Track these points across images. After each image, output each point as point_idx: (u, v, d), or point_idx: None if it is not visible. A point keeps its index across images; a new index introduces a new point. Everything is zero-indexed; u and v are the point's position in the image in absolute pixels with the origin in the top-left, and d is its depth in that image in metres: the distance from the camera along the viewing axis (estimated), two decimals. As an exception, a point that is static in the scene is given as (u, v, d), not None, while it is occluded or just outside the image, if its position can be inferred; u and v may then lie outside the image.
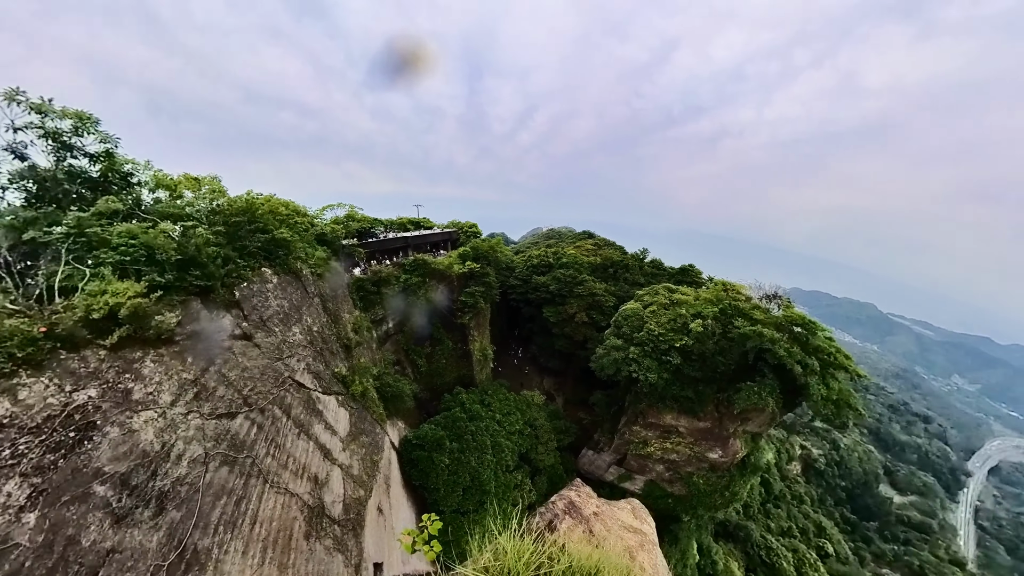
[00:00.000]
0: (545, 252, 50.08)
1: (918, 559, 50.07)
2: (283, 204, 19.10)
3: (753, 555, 38.15)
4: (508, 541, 3.18)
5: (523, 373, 48.67)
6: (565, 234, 66.82)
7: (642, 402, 34.37)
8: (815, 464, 61.67)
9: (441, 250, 41.74)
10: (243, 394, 13.91)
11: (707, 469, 33.66)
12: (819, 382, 25.30)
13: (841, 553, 42.74)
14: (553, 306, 45.30)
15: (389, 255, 33.99)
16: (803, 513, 45.85)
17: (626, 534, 6.15)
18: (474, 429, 31.72)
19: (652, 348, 31.94)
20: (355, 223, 28.42)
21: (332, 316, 23.18)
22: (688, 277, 44.04)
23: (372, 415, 23.95)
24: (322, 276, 22.54)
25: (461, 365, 38.33)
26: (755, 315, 28.82)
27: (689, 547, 34.29)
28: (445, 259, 35.28)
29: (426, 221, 43.44)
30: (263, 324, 16.59)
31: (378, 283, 29.00)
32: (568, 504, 6.54)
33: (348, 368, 23.14)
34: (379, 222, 33.65)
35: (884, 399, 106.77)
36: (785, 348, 26.08)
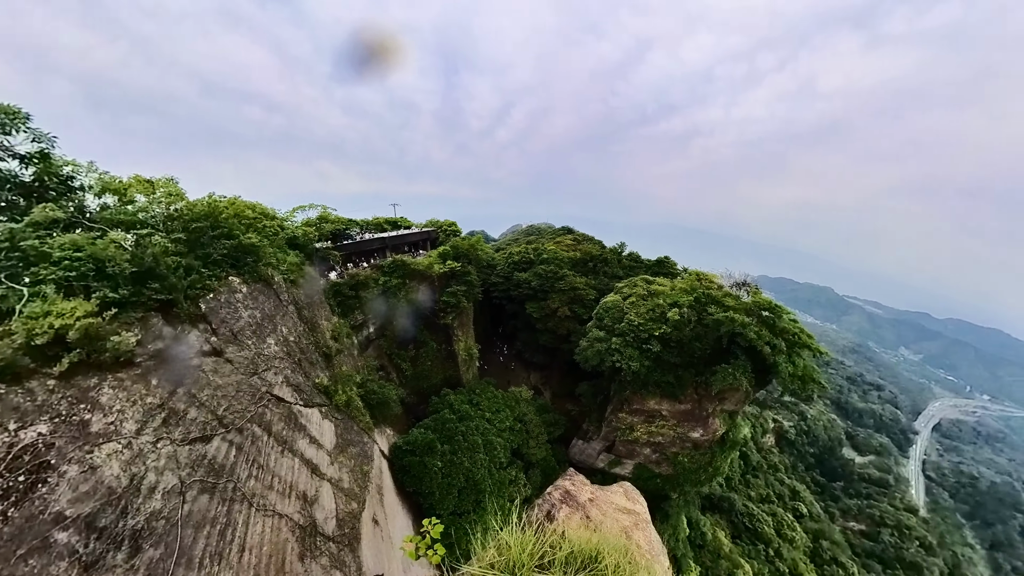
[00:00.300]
0: (526, 248, 50.09)
1: (878, 510, 55.99)
2: (249, 207, 17.76)
3: (737, 523, 41.05)
4: (510, 535, 3.22)
5: (509, 370, 48.59)
6: (545, 230, 67.17)
7: (626, 390, 35.35)
8: (786, 435, 67.26)
9: (420, 250, 40.61)
10: (218, 415, 12.87)
11: (690, 448, 35.16)
12: (786, 360, 27.31)
13: (813, 512, 47.41)
14: (536, 302, 45.44)
15: (366, 257, 32.65)
16: (778, 480, 50.26)
17: (621, 516, 6.35)
18: (464, 429, 31.34)
19: (633, 338, 32.94)
20: (328, 225, 27.00)
21: (309, 324, 21.98)
22: (664, 269, 45.63)
23: (358, 424, 23.03)
24: (296, 282, 21.27)
25: (447, 366, 37.67)
26: (727, 302, 30.50)
27: (679, 522, 35.85)
28: (425, 259, 34.37)
29: (404, 220, 42.04)
30: (234, 338, 15.41)
31: (356, 287, 27.81)
32: (564, 493, 6.71)
33: (330, 378, 22.08)
34: (354, 223, 32.20)
35: (842, 372, 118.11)
36: (755, 331, 27.98)
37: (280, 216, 22.33)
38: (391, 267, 31.01)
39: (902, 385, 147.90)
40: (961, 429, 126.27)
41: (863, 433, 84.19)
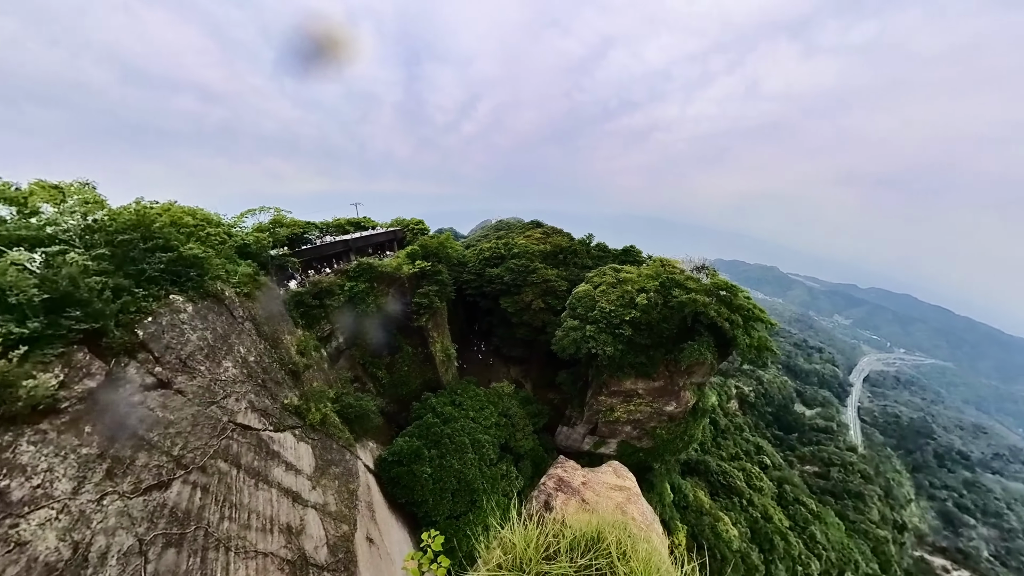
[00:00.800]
0: (496, 244, 49.48)
1: (827, 453, 65.32)
2: (188, 213, 15.47)
3: (714, 481, 45.13)
4: (513, 532, 3.22)
5: (489, 366, 48.06)
6: (514, 225, 66.98)
7: (603, 374, 36.49)
8: (747, 399, 75.10)
9: (387, 251, 38.46)
10: (174, 455, 11.18)
11: (666, 421, 37.15)
12: (743, 333, 29.82)
13: (776, 463, 53.98)
14: (509, 296, 45.16)
15: (328, 262, 30.24)
16: (744, 439, 56.46)
17: (613, 493, 6.58)
18: (450, 431, 30.52)
19: (606, 324, 34.07)
20: (284, 229, 24.49)
21: (270, 340, 19.92)
22: (630, 257, 47.38)
23: (338, 442, 21.45)
24: (251, 296, 19.09)
25: (425, 369, 36.34)
26: (689, 285, 32.54)
27: (664, 489, 38.01)
28: (393, 260, 32.60)
29: (367, 221, 39.45)
30: (183, 365, 13.46)
31: (320, 295, 25.67)
32: (558, 481, 6.69)
33: (300, 396, 20.26)
34: (313, 226, 29.60)
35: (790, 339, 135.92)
36: (715, 309, 30.31)
37: (226, 222, 19.83)
38: (357, 271, 29.02)
39: (838, 346, 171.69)
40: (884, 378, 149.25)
41: (810, 390, 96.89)
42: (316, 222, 31.47)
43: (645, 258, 46.30)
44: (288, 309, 22.81)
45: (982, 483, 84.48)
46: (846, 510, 54.12)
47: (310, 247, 28.23)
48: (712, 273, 35.50)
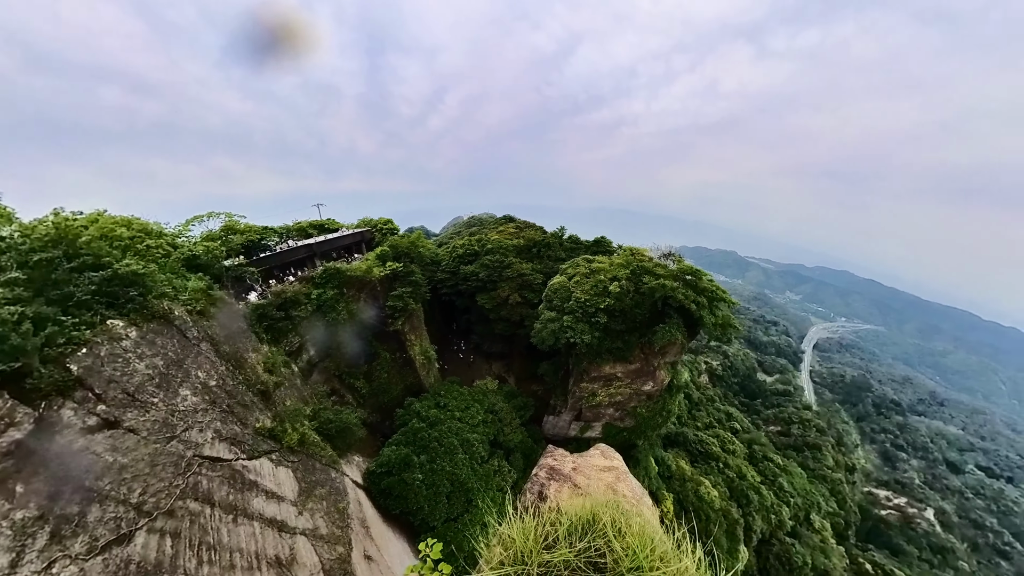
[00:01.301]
0: (469, 241, 48.47)
1: (787, 413, 73.93)
2: (121, 223, 13.44)
3: (692, 450, 48.51)
4: (511, 527, 3.25)
5: (471, 365, 47.33)
6: (487, 220, 66.19)
7: (583, 361, 37.35)
8: (716, 372, 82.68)
9: (355, 254, 36.25)
10: (133, 503, 9.78)
11: (645, 400, 38.78)
12: (709, 313, 31.85)
13: (744, 427, 59.56)
14: (486, 293, 44.58)
15: (292, 270, 27.94)
16: (716, 409, 61.63)
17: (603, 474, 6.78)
18: (438, 435, 29.79)
19: (582, 313, 34.84)
20: (238, 236, 22.17)
21: (233, 361, 18.11)
22: (601, 248, 48.40)
23: (321, 461, 20.09)
24: (205, 313, 17.18)
25: (405, 374, 35.04)
26: (657, 271, 34.07)
27: (649, 463, 39.90)
28: (362, 263, 30.82)
29: (331, 223, 36.83)
30: (132, 399, 11.83)
31: (284, 306, 23.69)
32: (549, 470, 6.78)
33: (273, 418, 18.70)
34: (271, 231, 27.11)
35: (749, 316, 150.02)
36: (682, 293, 32.06)
37: (169, 232, 17.57)
38: (324, 277, 27.11)
39: (790, 319, 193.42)
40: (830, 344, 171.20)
41: (769, 359, 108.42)
42: (275, 227, 28.95)
43: (616, 248, 47.64)
44: (250, 324, 20.83)
45: (911, 425, 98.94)
46: (807, 460, 61.04)
47: (270, 254, 25.90)
48: (678, 259, 37.41)
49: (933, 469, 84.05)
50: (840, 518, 54.03)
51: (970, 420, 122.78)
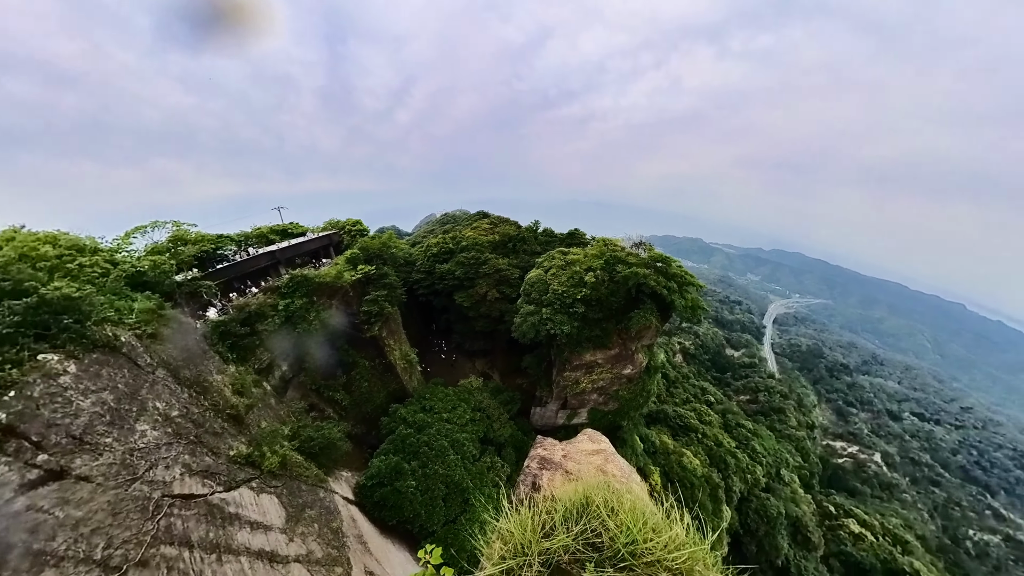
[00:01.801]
0: (444, 239, 47.36)
1: (753, 383, 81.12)
2: (45, 240, 11.54)
3: (673, 424, 51.38)
4: (508, 521, 3.30)
5: (453, 365, 46.51)
6: (460, 217, 64.92)
7: (564, 351, 38.01)
8: (689, 351, 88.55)
9: (322, 259, 34.05)
10: (96, 560, 8.59)
11: (626, 382, 40.14)
12: (679, 297, 33.36)
13: (718, 399, 64.75)
14: (463, 291, 43.86)
15: (253, 280, 25.70)
16: (691, 385, 66.32)
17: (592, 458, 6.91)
18: (427, 439, 29.12)
19: (560, 305, 35.34)
20: (190, 247, 19.91)
21: (196, 386, 16.45)
22: (576, 240, 49.08)
23: (306, 482, 18.88)
24: (158, 336, 15.38)
25: (387, 381, 33.76)
26: (630, 260, 35.25)
27: (634, 442, 41.61)
28: (331, 268, 29.04)
29: (295, 227, 34.18)
30: (79, 443, 10.37)
31: (249, 321, 21.81)
32: (540, 460, 6.80)
33: (248, 443, 17.28)
34: (227, 239, 24.64)
35: (715, 297, 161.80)
36: (654, 279, 33.47)
37: (106, 247, 15.39)
38: (290, 286, 25.25)
39: (752, 298, 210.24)
40: (787, 318, 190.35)
41: (735, 336, 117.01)
42: (231, 234, 26.41)
43: (589, 240, 48.51)
44: (212, 344, 18.96)
45: (858, 383, 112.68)
46: (773, 423, 67.51)
47: (227, 265, 23.61)
48: (649, 248, 38.84)
49: (877, 419, 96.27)
50: (805, 470, 60.17)
51: (904, 375, 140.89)
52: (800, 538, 46.26)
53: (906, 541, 50.38)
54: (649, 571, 2.69)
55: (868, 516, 54.21)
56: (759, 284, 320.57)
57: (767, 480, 50.21)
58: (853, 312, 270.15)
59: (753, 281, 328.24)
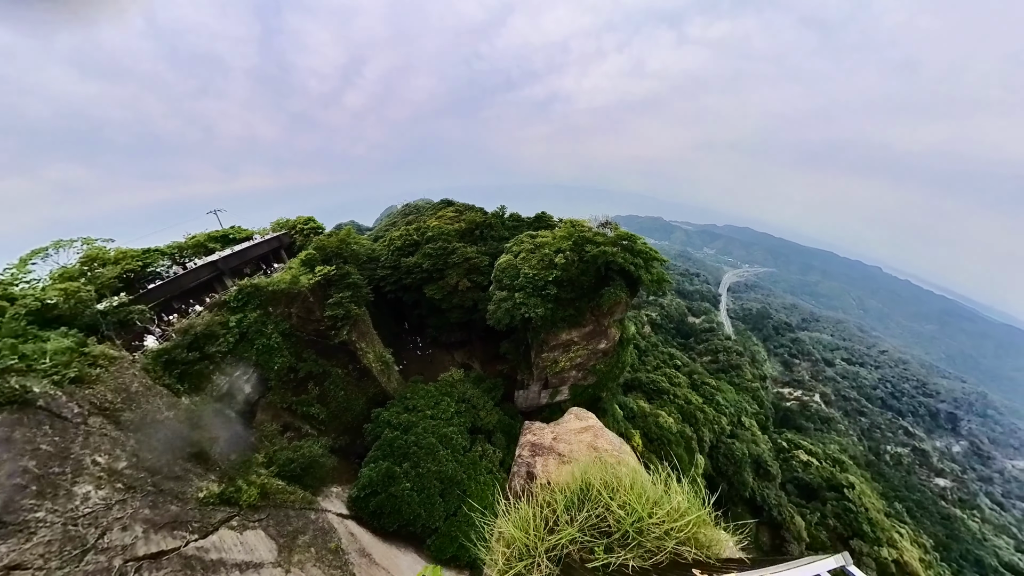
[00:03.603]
0: (407, 230, 44.87)
1: (713, 345, 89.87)
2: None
3: (647, 390, 55.19)
4: (507, 523, 3.16)
5: (432, 360, 45.28)
6: (424, 207, 61.86)
7: (540, 333, 38.55)
8: (656, 322, 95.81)
9: (274, 264, 30.71)
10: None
11: (602, 356, 41.72)
12: (646, 272, 34.74)
13: (684, 362, 71.16)
14: (433, 283, 42.28)
15: (195, 297, 22.58)
16: (660, 352, 72.52)
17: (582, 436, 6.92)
18: (414, 438, 28.48)
19: (532, 288, 35.36)
20: (110, 268, 16.76)
21: (142, 429, 14.34)
22: (543, 223, 48.62)
23: (294, 507, 17.60)
24: (83, 380, 13.03)
25: (365, 386, 32.12)
26: (598, 239, 35.93)
27: (614, 410, 44.13)
28: (285, 274, 26.32)
29: (238, 231, 30.15)
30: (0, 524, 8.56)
31: (197, 344, 19.30)
32: (531, 446, 6.73)
33: (219, 479, 15.66)
34: (157, 253, 21.13)
35: (676, 271, 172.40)
36: (621, 256, 34.48)
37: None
38: (240, 298, 22.58)
39: (708, 270, 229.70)
40: (739, 286, 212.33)
41: (695, 304, 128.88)
42: (162, 247, 22.73)
43: (557, 222, 48.45)
44: (156, 377, 16.51)
45: (799, 338, 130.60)
46: (732, 378, 75.52)
47: (162, 283, 20.39)
48: (615, 227, 39.74)
49: (816, 367, 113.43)
50: (761, 415, 68.05)
51: (835, 329, 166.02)
52: (762, 472, 52.49)
53: (843, 461, 60.22)
54: (658, 544, 2.66)
55: (813, 446, 63.67)
56: (714, 257, 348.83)
57: (731, 427, 55.94)
58: (794, 278, 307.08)
59: (709, 255, 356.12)
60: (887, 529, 49.30)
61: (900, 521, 56.32)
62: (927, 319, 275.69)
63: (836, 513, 50.31)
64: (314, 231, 33.83)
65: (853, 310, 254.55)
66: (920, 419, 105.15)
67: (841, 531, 49.05)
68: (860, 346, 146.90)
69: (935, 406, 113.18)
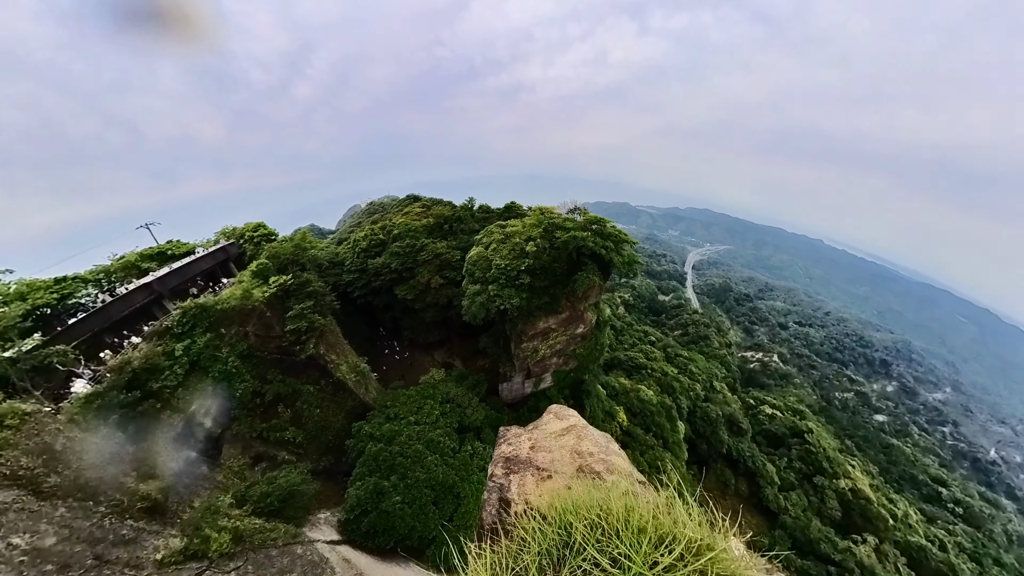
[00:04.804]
0: (373, 230, 42.46)
1: (682, 319, 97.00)
2: None
3: (627, 367, 57.89)
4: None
5: (411, 363, 43.67)
6: (389, 204, 58.95)
7: (518, 324, 38.39)
8: (629, 302, 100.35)
9: (222, 279, 27.59)
10: None
11: (580, 341, 42.26)
12: (617, 255, 35.13)
13: (657, 337, 77.04)
14: (404, 283, 40.49)
15: (130, 327, 19.66)
16: (635, 331, 76.73)
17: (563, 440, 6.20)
18: (400, 448, 27.47)
19: (506, 279, 34.81)
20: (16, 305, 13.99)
21: (74, 493, 12.32)
22: (513, 212, 47.87)
23: (276, 544, 16.20)
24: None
25: (341, 400, 30.31)
26: (568, 225, 35.78)
27: (597, 391, 45.42)
28: (235, 289, 23.73)
29: (176, 246, 26.36)
30: None
31: (137, 382, 16.92)
32: (505, 462, 5.79)
33: (182, 532, 13.97)
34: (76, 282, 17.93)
35: (645, 252, 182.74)
36: (592, 241, 34.55)
37: None
38: (185, 322, 20.08)
39: (674, 250, 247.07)
40: (702, 264, 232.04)
41: (664, 283, 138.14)
42: (83, 273, 19.44)
43: (526, 210, 47.77)
44: (90, 428, 14.22)
45: (757, 307, 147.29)
46: (702, 348, 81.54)
47: (87, 315, 17.48)
48: (584, 212, 39.67)
49: (772, 331, 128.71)
50: (730, 378, 73.81)
51: (787, 296, 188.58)
52: (735, 428, 57.16)
53: (801, 411, 67.61)
54: None
55: (775, 400, 70.86)
56: (678, 238, 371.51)
57: (705, 392, 60.14)
58: (749, 253, 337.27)
59: (673, 236, 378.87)
60: (841, 464, 56.31)
61: (851, 455, 65.02)
62: (861, 282, 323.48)
63: (800, 456, 56.53)
64: (265, 238, 30.79)
65: (801, 278, 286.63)
66: (860, 367, 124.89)
67: (805, 471, 55.03)
68: (808, 309, 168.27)
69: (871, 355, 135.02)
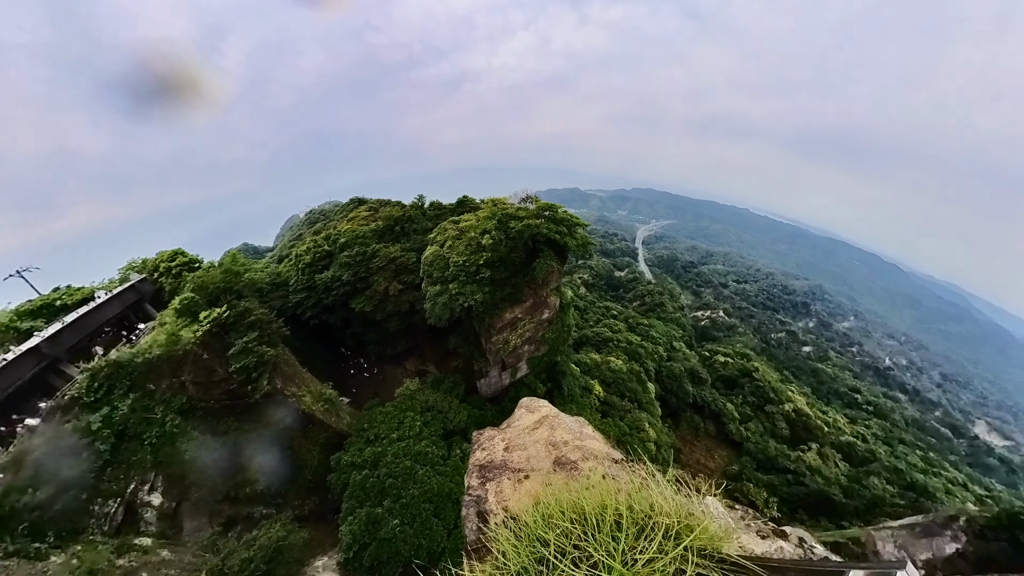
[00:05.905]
0: (316, 241, 38.81)
1: (639, 291, 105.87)
2: None
3: (595, 343, 61.65)
4: None
5: (383, 378, 41.11)
6: (331, 211, 53.87)
7: (485, 319, 38.38)
8: (588, 282, 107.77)
9: (137, 325, 22.93)
10: None
11: (547, 325, 43.36)
12: (571, 238, 36.25)
13: (618, 310, 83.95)
14: (360, 295, 37.64)
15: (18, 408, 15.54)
16: (597, 308, 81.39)
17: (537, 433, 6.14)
18: (386, 470, 26.14)
19: (465, 276, 34.24)
20: None
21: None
22: (466, 207, 46.55)
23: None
24: None
25: (313, 434, 27.67)
26: (521, 214, 36.23)
27: (571, 369, 47.26)
28: (157, 334, 19.98)
29: (69, 293, 20.82)
30: None
31: (41, 478, 13.57)
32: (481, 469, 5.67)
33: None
34: None
35: (597, 234, 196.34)
36: (546, 227, 35.31)
37: None
38: (98, 388, 16.51)
39: (624, 229, 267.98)
40: (651, 239, 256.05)
41: (618, 260, 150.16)
42: None
43: (480, 203, 46.82)
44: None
45: (702, 272, 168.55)
46: (659, 314, 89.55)
47: None
48: (535, 200, 40.14)
49: (716, 290, 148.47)
50: (686, 337, 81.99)
51: (725, 259, 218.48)
52: (696, 379, 64.06)
53: (747, 354, 78.84)
54: None
55: (725, 349, 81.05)
56: (627, 217, 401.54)
57: (667, 353, 66.28)
58: (690, 225, 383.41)
59: (623, 216, 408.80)
60: (784, 391, 66.98)
61: (789, 383, 77.56)
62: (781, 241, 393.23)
63: (751, 392, 65.41)
64: (187, 267, 26.16)
65: (734, 243, 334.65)
66: (787, 311, 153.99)
67: (757, 403, 64.06)
68: (742, 269, 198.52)
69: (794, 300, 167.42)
